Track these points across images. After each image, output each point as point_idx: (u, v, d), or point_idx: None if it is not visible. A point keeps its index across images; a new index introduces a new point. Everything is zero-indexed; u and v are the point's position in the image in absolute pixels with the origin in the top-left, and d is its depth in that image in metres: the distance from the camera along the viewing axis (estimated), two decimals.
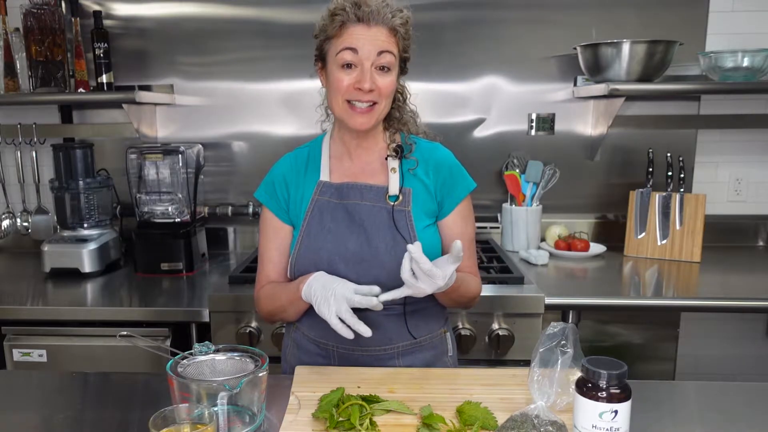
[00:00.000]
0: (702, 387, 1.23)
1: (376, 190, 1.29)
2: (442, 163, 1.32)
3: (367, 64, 1.18)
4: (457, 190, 1.31)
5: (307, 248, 1.27)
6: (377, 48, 1.18)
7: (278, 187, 1.33)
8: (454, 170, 1.32)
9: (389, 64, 1.20)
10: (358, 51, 1.18)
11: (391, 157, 1.30)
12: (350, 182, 1.30)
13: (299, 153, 1.37)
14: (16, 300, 1.91)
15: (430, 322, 1.33)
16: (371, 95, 1.20)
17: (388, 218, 1.26)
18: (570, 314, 1.83)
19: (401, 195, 1.27)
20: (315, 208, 1.29)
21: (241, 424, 0.97)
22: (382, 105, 1.23)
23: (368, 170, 1.32)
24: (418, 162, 1.30)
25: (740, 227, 2.44)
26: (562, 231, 2.36)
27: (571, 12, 2.30)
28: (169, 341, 1.78)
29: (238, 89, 2.39)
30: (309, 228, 1.28)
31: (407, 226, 1.26)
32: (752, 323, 2.08)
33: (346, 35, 1.19)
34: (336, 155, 1.34)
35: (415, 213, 1.27)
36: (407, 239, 1.24)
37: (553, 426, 0.93)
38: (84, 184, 2.20)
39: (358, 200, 1.28)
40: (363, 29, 1.18)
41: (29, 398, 1.19)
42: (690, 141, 2.38)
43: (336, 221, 1.27)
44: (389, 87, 1.22)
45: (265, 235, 1.35)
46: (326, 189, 1.30)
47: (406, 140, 1.32)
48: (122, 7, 2.35)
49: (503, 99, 2.37)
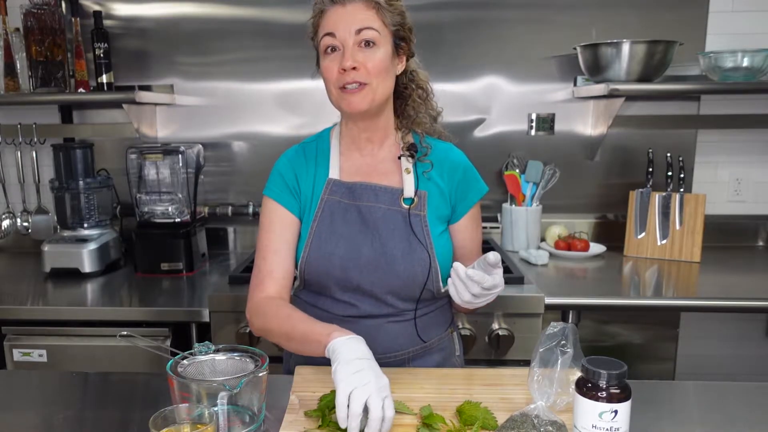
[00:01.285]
0: (702, 387, 1.23)
1: (390, 191, 1.23)
2: (457, 165, 1.27)
3: (348, 44, 1.14)
4: (470, 194, 1.27)
5: (317, 252, 1.21)
6: (355, 25, 1.13)
7: (288, 179, 1.26)
8: (468, 173, 1.28)
9: (373, 39, 1.14)
10: (336, 33, 1.14)
11: (404, 157, 1.24)
12: (363, 182, 1.24)
13: (307, 146, 1.31)
14: (16, 300, 1.91)
15: (438, 324, 1.31)
16: (357, 74, 1.13)
17: (404, 223, 1.21)
18: (570, 314, 1.83)
19: (417, 198, 1.22)
20: (325, 208, 1.23)
21: (241, 424, 0.97)
22: (374, 84, 1.15)
23: (381, 169, 1.26)
24: (432, 165, 1.24)
25: (740, 227, 2.44)
26: (562, 231, 2.36)
27: (571, 12, 2.30)
28: (169, 341, 1.78)
29: (238, 89, 2.39)
30: (319, 230, 1.22)
31: (423, 231, 1.21)
32: (752, 323, 2.08)
33: (325, 21, 1.17)
34: (345, 150, 1.28)
35: (430, 218, 1.23)
36: (424, 245, 1.20)
37: (553, 426, 0.93)
38: (84, 184, 2.20)
39: (372, 202, 1.22)
40: (338, 10, 1.15)
41: (29, 398, 1.19)
42: (690, 141, 2.38)
43: (348, 224, 1.22)
44: (377, 64, 1.15)
45: (269, 227, 1.24)
46: (337, 188, 1.24)
47: (422, 142, 1.27)
48: (122, 7, 2.35)
49: (503, 99, 2.37)
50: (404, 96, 1.29)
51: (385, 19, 1.16)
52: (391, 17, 1.17)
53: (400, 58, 1.23)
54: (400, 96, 1.29)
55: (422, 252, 1.20)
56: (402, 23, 1.20)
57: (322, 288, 1.24)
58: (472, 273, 1.02)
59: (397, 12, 1.19)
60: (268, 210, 1.27)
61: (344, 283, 1.21)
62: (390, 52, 1.18)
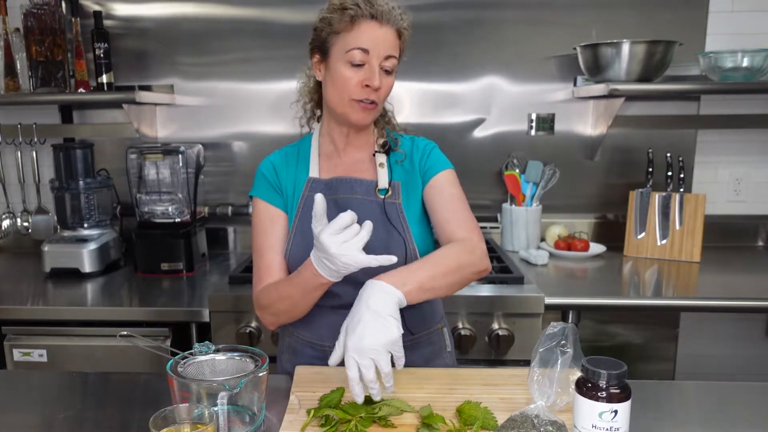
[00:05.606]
0: (702, 387, 1.23)
1: (366, 184, 1.29)
2: (423, 147, 1.34)
3: (375, 63, 1.19)
4: (436, 165, 1.31)
5: (299, 244, 1.26)
6: (386, 51, 1.20)
7: (270, 177, 1.32)
8: (433, 151, 1.33)
9: (392, 68, 1.23)
10: (369, 52, 1.18)
11: (378, 152, 1.32)
12: (340, 177, 1.31)
13: (289, 150, 1.38)
14: (16, 300, 1.91)
15: (427, 318, 1.34)
16: (375, 94, 1.22)
17: (379, 211, 1.26)
18: (570, 314, 1.83)
19: (391, 188, 1.29)
20: (306, 204, 1.28)
21: (241, 424, 0.97)
22: (380, 105, 1.26)
23: (358, 166, 1.33)
24: (405, 155, 1.32)
25: (740, 227, 2.44)
26: (562, 231, 2.36)
27: (571, 12, 2.30)
28: (169, 341, 1.79)
29: (238, 89, 2.39)
30: (301, 225, 1.27)
31: (399, 218, 1.26)
32: (752, 323, 2.08)
33: (358, 32, 1.18)
34: (325, 152, 1.35)
35: (406, 206, 1.28)
36: (400, 232, 1.25)
37: (553, 426, 0.93)
38: (84, 184, 2.20)
39: (348, 194, 1.29)
40: (375, 27, 1.18)
41: (29, 398, 1.19)
42: (690, 141, 2.38)
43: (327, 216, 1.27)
44: (388, 89, 1.25)
45: (260, 226, 1.31)
46: (316, 185, 1.30)
47: (391, 136, 1.36)
48: (122, 7, 2.35)
49: (503, 99, 2.37)
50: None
51: (402, 48, 1.25)
52: (403, 48, 1.25)
53: None
54: None
55: (398, 237, 1.25)
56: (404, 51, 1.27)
57: None
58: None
59: (406, 43, 1.26)
60: (257, 210, 1.33)
61: None
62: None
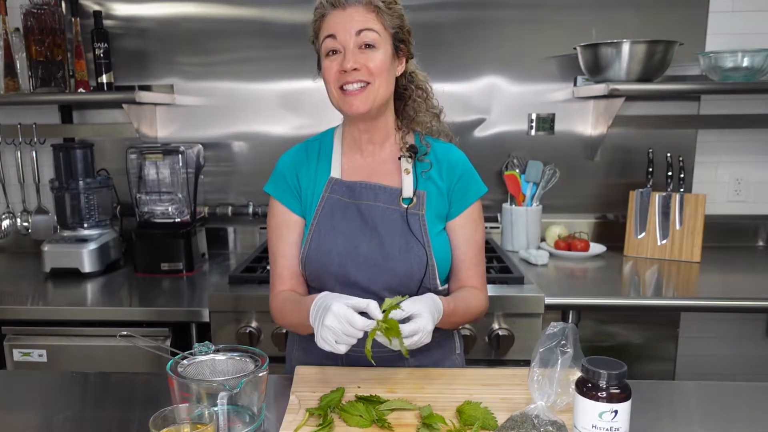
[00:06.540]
0: (702, 387, 1.23)
1: (389, 191, 1.26)
2: (456, 164, 1.29)
3: (349, 45, 1.17)
4: (468, 194, 1.29)
5: (317, 247, 1.25)
6: (355, 27, 1.16)
7: (289, 178, 1.30)
8: (466, 174, 1.29)
9: (373, 41, 1.17)
10: (336, 36, 1.17)
11: (404, 158, 1.27)
12: (363, 182, 1.27)
13: (310, 145, 1.34)
14: (16, 300, 1.91)
15: None
16: (359, 74, 1.17)
17: (401, 221, 1.23)
18: (570, 314, 1.83)
19: (415, 198, 1.25)
20: (326, 206, 1.26)
21: (241, 424, 0.97)
22: (376, 85, 1.18)
23: (382, 170, 1.29)
24: (432, 164, 1.27)
25: (740, 227, 2.44)
26: (562, 231, 2.36)
27: (571, 12, 2.30)
28: (169, 341, 1.78)
29: (238, 89, 2.39)
30: (319, 226, 1.26)
31: (421, 230, 1.23)
32: (752, 323, 2.09)
33: (326, 24, 1.19)
34: (347, 151, 1.31)
35: (429, 217, 1.25)
36: (421, 243, 1.22)
37: (553, 426, 0.93)
38: (84, 184, 2.20)
39: (371, 201, 1.25)
40: (339, 13, 1.18)
41: (29, 398, 1.19)
42: (690, 141, 2.38)
43: (347, 222, 1.25)
44: (379, 65, 1.18)
45: (276, 230, 1.29)
46: (338, 187, 1.27)
47: (422, 141, 1.29)
48: (122, 7, 2.35)
49: (503, 99, 2.37)
50: (404, 97, 1.31)
51: (385, 21, 1.19)
52: (390, 20, 1.20)
53: (399, 60, 1.26)
54: (400, 97, 1.31)
55: (419, 249, 1.22)
56: (401, 26, 1.23)
57: (321, 283, 1.26)
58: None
59: (396, 15, 1.21)
60: (274, 212, 1.31)
61: (342, 278, 1.24)
62: (390, 54, 1.21)
